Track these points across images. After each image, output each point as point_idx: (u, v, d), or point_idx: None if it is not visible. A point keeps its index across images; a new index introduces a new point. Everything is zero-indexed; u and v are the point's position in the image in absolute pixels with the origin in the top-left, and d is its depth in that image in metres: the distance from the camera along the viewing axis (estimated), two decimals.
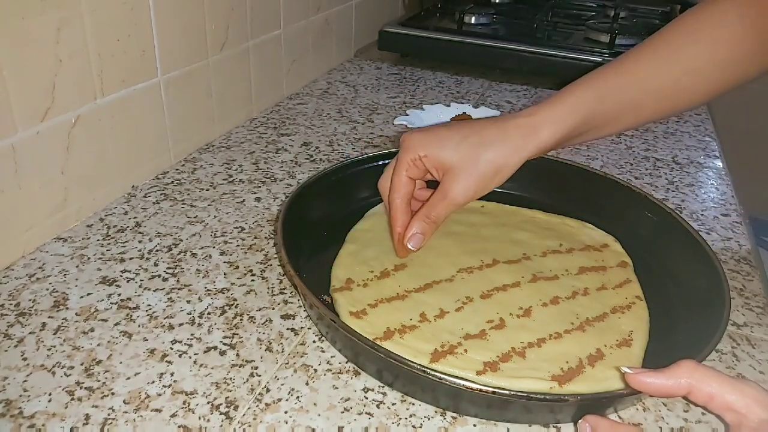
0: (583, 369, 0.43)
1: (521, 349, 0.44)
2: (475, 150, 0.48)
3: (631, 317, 0.49)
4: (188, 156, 0.75)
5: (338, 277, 0.51)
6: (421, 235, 0.51)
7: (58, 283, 0.52)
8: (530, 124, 0.49)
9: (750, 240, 0.64)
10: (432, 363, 0.42)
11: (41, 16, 0.52)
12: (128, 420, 0.39)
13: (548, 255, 0.56)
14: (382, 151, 0.66)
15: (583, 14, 1.26)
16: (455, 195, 0.49)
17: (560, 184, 0.65)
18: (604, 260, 0.56)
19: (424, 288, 0.50)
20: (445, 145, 0.49)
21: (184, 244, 0.58)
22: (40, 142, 0.54)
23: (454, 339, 0.45)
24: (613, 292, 0.52)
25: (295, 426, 0.40)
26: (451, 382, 0.37)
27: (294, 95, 0.97)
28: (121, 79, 0.62)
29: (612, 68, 0.51)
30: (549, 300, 0.50)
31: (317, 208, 0.59)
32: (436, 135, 0.50)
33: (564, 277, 0.53)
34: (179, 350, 0.46)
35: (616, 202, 0.62)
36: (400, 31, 1.10)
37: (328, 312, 0.43)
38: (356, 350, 0.44)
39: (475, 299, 0.49)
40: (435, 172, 0.50)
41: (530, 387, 0.41)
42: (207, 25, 0.73)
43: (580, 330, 0.47)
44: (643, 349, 0.46)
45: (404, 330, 0.45)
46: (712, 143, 0.87)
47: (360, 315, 0.47)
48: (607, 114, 0.50)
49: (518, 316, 0.48)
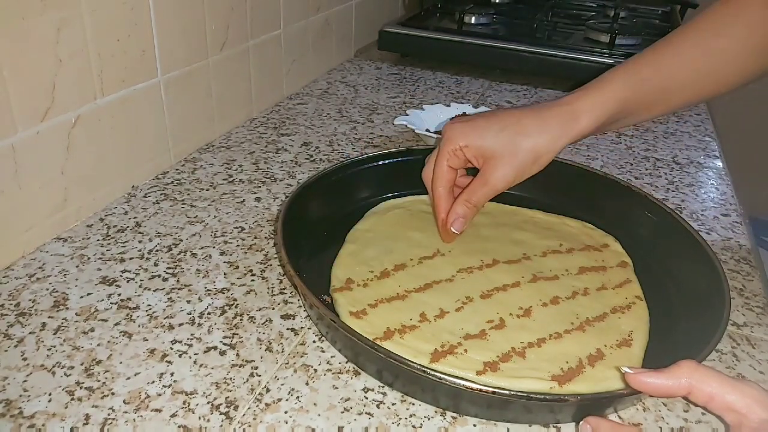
0: (583, 369, 0.43)
1: (521, 349, 0.44)
2: (514, 139, 0.50)
3: (631, 317, 0.49)
4: (188, 156, 0.75)
5: (338, 277, 0.51)
6: (463, 219, 0.53)
7: (58, 283, 0.52)
8: (569, 112, 0.50)
9: (750, 240, 0.64)
10: (432, 363, 0.42)
11: (41, 16, 0.52)
12: (128, 420, 0.40)
13: (548, 255, 0.56)
14: (381, 151, 0.66)
15: (583, 14, 1.26)
16: (495, 181, 0.51)
17: (560, 184, 0.65)
18: (604, 260, 0.56)
19: (424, 288, 0.51)
20: (485, 135, 0.51)
21: (184, 244, 0.58)
22: (40, 142, 0.54)
23: (454, 339, 0.45)
24: (613, 292, 0.52)
25: (295, 426, 0.40)
26: (451, 382, 0.37)
27: (294, 95, 0.97)
28: (121, 79, 0.62)
29: (647, 56, 0.52)
30: (549, 300, 0.50)
31: (317, 208, 0.59)
32: (476, 125, 0.52)
33: (564, 277, 0.53)
34: (179, 350, 0.46)
35: (616, 202, 0.62)
36: (400, 31, 1.10)
37: (328, 312, 0.43)
38: (356, 350, 0.44)
39: (475, 299, 0.49)
40: (475, 161, 0.52)
41: (530, 387, 0.41)
42: (207, 25, 0.73)
43: (580, 330, 0.47)
44: (643, 349, 0.46)
45: (404, 330, 0.45)
46: (712, 143, 0.87)
47: (360, 315, 0.47)
48: (642, 101, 0.52)
49: (518, 316, 0.48)
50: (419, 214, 0.62)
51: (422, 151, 0.68)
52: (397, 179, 0.65)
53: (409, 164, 0.66)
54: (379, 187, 0.65)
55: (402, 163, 0.66)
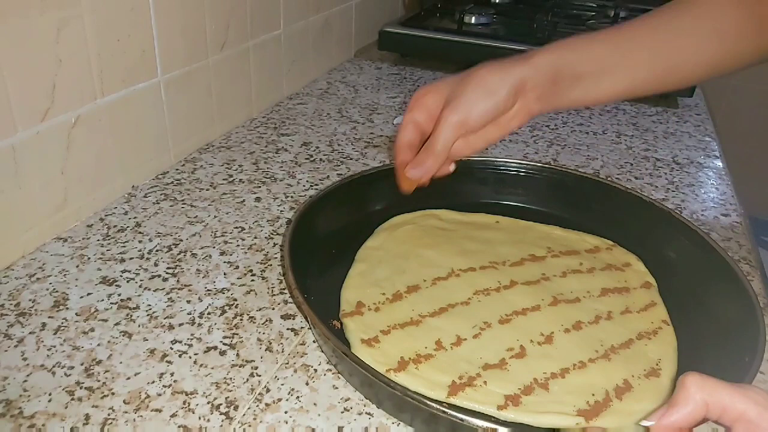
0: (611, 402, 0.41)
1: (544, 381, 0.42)
2: (473, 77, 0.50)
3: (659, 343, 0.46)
4: (188, 156, 0.75)
5: (348, 301, 0.49)
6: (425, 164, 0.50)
7: (58, 283, 0.52)
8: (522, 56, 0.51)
9: (750, 240, 0.64)
10: (450, 397, 0.40)
11: (41, 16, 0.52)
12: (128, 420, 0.40)
13: (568, 275, 0.54)
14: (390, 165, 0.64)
15: (583, 14, 1.26)
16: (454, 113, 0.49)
17: (578, 198, 0.63)
18: (627, 281, 0.54)
19: (439, 312, 0.48)
20: (446, 82, 0.51)
21: (184, 244, 0.58)
22: (40, 142, 0.54)
23: (473, 369, 0.43)
24: (638, 316, 0.49)
25: (295, 426, 0.40)
26: (472, 424, 0.36)
27: (294, 95, 0.97)
28: (121, 79, 0.62)
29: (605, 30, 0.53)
30: (571, 325, 0.47)
31: (325, 225, 0.57)
32: (440, 80, 0.52)
33: (586, 300, 0.51)
34: (179, 350, 0.46)
35: (638, 218, 0.60)
36: (400, 31, 1.09)
37: (340, 344, 0.41)
38: (370, 385, 0.42)
39: (494, 324, 0.47)
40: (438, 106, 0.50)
41: (555, 423, 0.39)
42: (207, 25, 0.73)
43: (605, 358, 0.45)
44: (672, 380, 0.43)
45: (419, 359, 0.43)
46: (712, 143, 0.87)
47: (372, 343, 0.44)
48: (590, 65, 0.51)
49: (539, 343, 0.45)
50: (431, 230, 0.60)
51: None
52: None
53: None
54: (389, 201, 0.62)
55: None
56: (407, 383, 0.40)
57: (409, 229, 0.60)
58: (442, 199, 0.64)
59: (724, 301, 0.49)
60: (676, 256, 0.56)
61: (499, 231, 0.60)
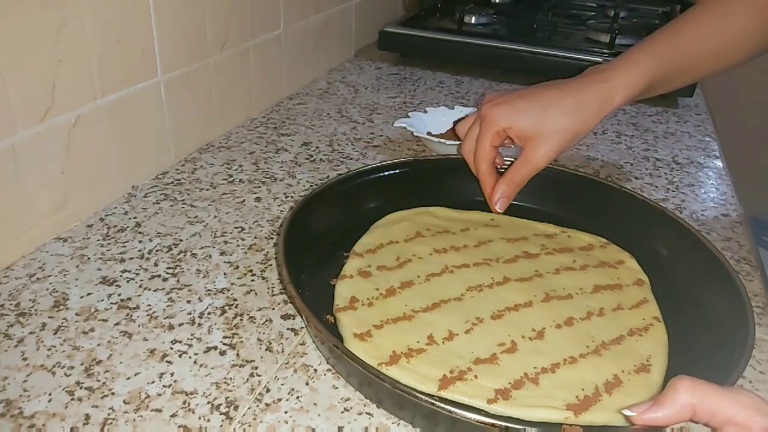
0: (600, 397, 0.41)
1: (534, 375, 0.42)
2: (555, 120, 0.55)
3: (649, 340, 0.47)
4: (188, 156, 0.75)
5: (342, 296, 0.49)
6: (506, 198, 0.59)
7: (58, 283, 0.52)
8: (605, 90, 0.55)
9: (750, 240, 0.64)
10: (440, 390, 0.41)
11: (41, 16, 0.52)
12: (128, 420, 0.40)
13: (561, 272, 0.54)
14: (387, 162, 0.65)
15: (583, 14, 1.26)
16: (538, 160, 0.57)
17: (572, 196, 0.64)
18: (619, 278, 0.54)
19: (431, 308, 0.48)
20: (527, 116, 0.56)
21: (184, 244, 0.58)
22: (40, 142, 0.54)
23: (464, 364, 0.43)
24: (629, 313, 0.49)
25: (295, 426, 0.40)
26: (462, 416, 0.36)
27: (294, 95, 0.97)
28: (121, 79, 0.62)
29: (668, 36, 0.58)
30: (563, 321, 0.48)
31: (321, 221, 0.57)
32: (518, 107, 0.56)
33: (578, 296, 0.51)
34: (179, 350, 0.46)
35: (631, 216, 0.60)
36: (400, 31, 1.10)
37: (332, 337, 0.41)
38: (361, 378, 0.42)
39: (486, 320, 0.47)
40: (518, 140, 0.57)
41: (544, 416, 0.39)
42: (207, 25, 0.73)
43: (596, 354, 0.45)
44: (662, 375, 0.44)
45: (411, 354, 0.43)
46: (712, 143, 0.87)
47: (364, 337, 0.45)
48: (666, 77, 0.58)
49: (531, 338, 0.46)
50: (426, 227, 0.60)
51: (430, 163, 0.67)
52: (403, 190, 0.64)
53: (416, 175, 0.65)
54: (385, 199, 0.63)
55: (408, 174, 0.65)
56: (398, 377, 0.40)
57: (404, 225, 0.60)
58: (437, 197, 0.64)
59: (715, 297, 0.49)
60: (668, 253, 0.57)
61: (494, 228, 0.61)
